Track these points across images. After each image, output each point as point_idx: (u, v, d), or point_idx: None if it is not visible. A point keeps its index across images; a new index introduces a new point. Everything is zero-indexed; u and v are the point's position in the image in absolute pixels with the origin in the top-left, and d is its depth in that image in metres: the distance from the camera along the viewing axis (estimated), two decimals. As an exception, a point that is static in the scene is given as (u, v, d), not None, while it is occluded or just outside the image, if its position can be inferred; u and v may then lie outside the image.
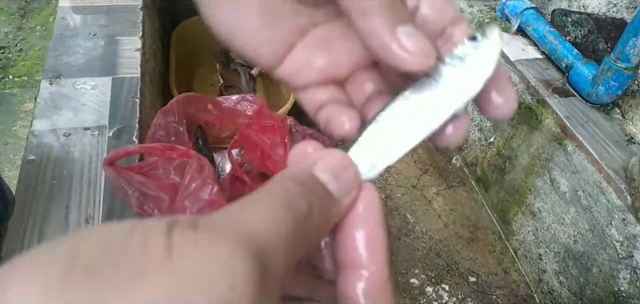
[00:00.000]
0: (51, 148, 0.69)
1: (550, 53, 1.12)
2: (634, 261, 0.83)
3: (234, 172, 0.88)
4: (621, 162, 0.88)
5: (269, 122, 0.91)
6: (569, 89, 1.05)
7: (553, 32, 1.11)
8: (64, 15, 0.96)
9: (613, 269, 0.87)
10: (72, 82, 0.81)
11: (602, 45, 1.05)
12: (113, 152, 0.65)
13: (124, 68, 0.85)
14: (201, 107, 0.92)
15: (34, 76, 1.75)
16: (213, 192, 0.65)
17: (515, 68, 1.12)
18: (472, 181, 1.27)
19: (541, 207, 1.05)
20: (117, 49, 0.90)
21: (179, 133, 0.81)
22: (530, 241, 1.08)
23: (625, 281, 0.85)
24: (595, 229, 0.91)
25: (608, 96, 0.97)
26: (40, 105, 0.76)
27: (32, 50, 1.90)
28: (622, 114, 1.00)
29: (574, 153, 0.95)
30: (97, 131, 0.73)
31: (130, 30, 0.94)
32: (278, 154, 0.90)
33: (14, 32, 1.99)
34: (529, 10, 1.19)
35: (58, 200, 0.63)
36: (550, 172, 1.02)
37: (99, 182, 0.66)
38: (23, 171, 0.66)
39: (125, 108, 0.78)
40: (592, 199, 0.91)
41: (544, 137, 1.03)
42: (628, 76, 0.92)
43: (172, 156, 0.69)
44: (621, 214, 0.85)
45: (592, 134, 0.94)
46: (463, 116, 0.23)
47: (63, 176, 0.66)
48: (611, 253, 0.87)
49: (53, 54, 0.86)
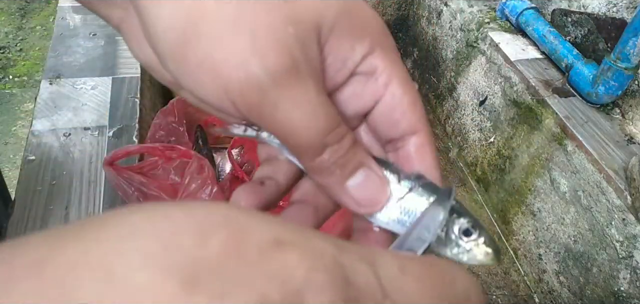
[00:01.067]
0: (51, 148, 0.69)
1: (550, 53, 1.12)
2: (634, 261, 0.83)
3: (234, 172, 0.88)
4: (621, 162, 0.88)
5: (269, 122, 0.91)
6: (569, 89, 1.05)
7: (553, 32, 1.11)
8: (64, 15, 0.96)
9: (613, 269, 0.87)
10: (72, 82, 0.81)
11: (602, 45, 1.05)
12: (113, 152, 0.65)
13: (124, 68, 0.85)
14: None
15: (34, 76, 1.75)
16: (213, 192, 0.65)
17: (515, 68, 1.12)
18: (472, 181, 1.27)
19: (541, 207, 1.05)
20: (117, 49, 0.90)
21: (179, 133, 0.81)
22: (530, 241, 1.08)
23: (625, 281, 0.85)
24: (595, 229, 0.91)
25: (608, 96, 0.97)
26: (40, 105, 0.76)
27: (32, 50, 1.90)
28: (622, 114, 1.00)
29: (574, 153, 0.95)
30: (97, 131, 0.73)
31: (130, 30, 0.94)
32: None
33: (14, 32, 1.99)
34: (529, 10, 1.19)
35: (58, 200, 0.63)
36: (550, 172, 1.02)
37: (99, 182, 0.66)
38: (23, 171, 0.66)
39: (125, 108, 0.78)
40: (592, 199, 0.91)
41: (544, 137, 1.03)
42: (628, 76, 0.92)
43: (172, 156, 0.69)
44: (621, 214, 0.85)
45: (592, 134, 0.94)
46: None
47: (63, 176, 0.66)
48: (611, 253, 0.87)
49: (53, 54, 0.86)
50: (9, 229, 0.59)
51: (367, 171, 0.23)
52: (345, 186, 0.22)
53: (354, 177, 0.22)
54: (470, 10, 1.33)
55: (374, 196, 0.23)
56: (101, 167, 0.67)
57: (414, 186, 0.23)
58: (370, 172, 0.23)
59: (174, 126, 0.81)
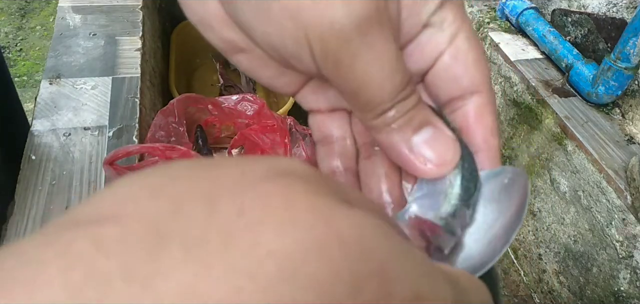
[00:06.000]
0: (51, 148, 0.69)
1: (550, 53, 1.12)
2: (634, 261, 0.83)
3: (234, 172, 0.88)
4: (621, 162, 0.88)
5: (269, 122, 0.91)
6: (569, 89, 1.05)
7: (553, 32, 1.11)
8: (64, 15, 0.96)
9: (613, 269, 0.87)
10: (72, 82, 0.81)
11: (602, 45, 1.05)
12: (113, 152, 0.65)
13: (124, 68, 0.85)
14: (201, 107, 0.92)
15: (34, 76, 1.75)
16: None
17: (515, 68, 1.12)
18: (472, 181, 1.27)
19: (541, 207, 1.05)
20: (117, 49, 0.90)
21: (179, 133, 0.81)
22: (530, 241, 1.08)
23: (625, 281, 0.85)
24: (595, 229, 0.91)
25: (608, 96, 0.97)
26: (40, 105, 0.76)
27: (32, 50, 1.90)
28: (622, 114, 1.00)
29: (574, 153, 0.95)
30: (97, 131, 0.73)
31: (130, 30, 0.94)
32: (278, 154, 0.90)
33: (14, 32, 1.99)
34: (529, 10, 1.19)
35: (58, 200, 0.63)
36: (550, 172, 1.02)
37: (99, 182, 0.66)
38: (23, 171, 0.66)
39: (125, 108, 0.78)
40: (592, 199, 0.91)
41: (544, 137, 1.03)
42: (628, 76, 0.92)
43: (172, 156, 0.69)
44: (621, 214, 0.85)
45: (592, 134, 0.94)
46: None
47: (63, 176, 0.66)
48: (611, 253, 0.87)
49: (53, 53, 0.86)
50: (9, 229, 0.59)
51: (434, 128, 0.21)
52: (411, 142, 0.21)
53: (421, 133, 0.21)
54: (470, 10, 1.33)
55: (443, 154, 0.21)
56: (101, 167, 0.67)
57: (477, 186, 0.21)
58: (437, 129, 0.21)
59: (174, 126, 0.81)
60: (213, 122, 0.95)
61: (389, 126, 0.21)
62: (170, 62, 1.20)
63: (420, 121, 0.21)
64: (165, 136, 0.79)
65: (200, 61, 1.41)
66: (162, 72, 1.15)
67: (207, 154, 0.91)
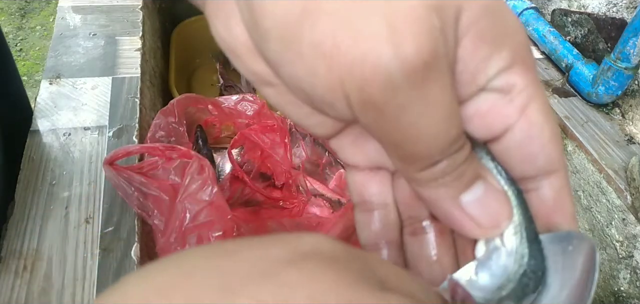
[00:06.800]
0: (51, 148, 0.69)
1: (550, 53, 1.12)
2: (634, 261, 0.83)
3: (234, 172, 0.88)
4: (621, 162, 0.88)
5: (269, 122, 0.91)
6: (568, 89, 1.05)
7: (553, 32, 1.11)
8: (64, 15, 0.96)
9: (613, 269, 0.87)
10: (72, 82, 0.81)
11: (602, 45, 1.05)
12: (113, 152, 0.65)
13: (124, 68, 0.85)
14: (201, 107, 0.92)
15: (34, 76, 1.75)
16: (213, 193, 0.64)
17: (515, 68, 1.12)
18: (472, 181, 1.27)
19: (541, 207, 1.05)
20: (117, 49, 0.90)
21: (179, 133, 0.81)
22: (530, 241, 1.08)
23: (625, 281, 0.85)
24: (595, 229, 0.91)
25: (608, 96, 0.97)
26: (40, 105, 0.76)
27: (32, 50, 1.90)
28: (622, 114, 1.00)
29: (574, 153, 0.95)
30: (97, 131, 0.73)
31: (130, 30, 0.94)
32: (278, 154, 0.90)
33: (14, 32, 1.99)
34: (529, 10, 1.19)
35: (58, 200, 0.63)
36: (550, 172, 1.02)
37: (99, 182, 0.66)
38: (23, 171, 0.66)
39: (125, 108, 0.78)
40: (592, 199, 0.91)
41: (544, 137, 1.03)
42: (628, 76, 0.92)
43: (172, 156, 0.69)
44: (621, 214, 0.85)
45: (592, 134, 0.94)
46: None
47: (63, 176, 0.66)
48: (611, 253, 0.87)
49: (53, 54, 0.86)
50: (9, 229, 0.59)
51: (485, 183, 0.19)
52: (459, 200, 0.18)
53: (471, 191, 0.18)
54: (470, 10, 1.33)
55: (495, 214, 0.18)
56: (101, 167, 0.67)
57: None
58: (488, 185, 0.19)
59: (174, 126, 0.81)
60: (213, 122, 0.95)
61: (436, 180, 0.18)
62: (170, 62, 1.20)
63: (470, 176, 0.18)
64: (165, 136, 0.79)
65: (200, 61, 1.40)
66: (162, 72, 1.15)
67: (207, 154, 0.91)
